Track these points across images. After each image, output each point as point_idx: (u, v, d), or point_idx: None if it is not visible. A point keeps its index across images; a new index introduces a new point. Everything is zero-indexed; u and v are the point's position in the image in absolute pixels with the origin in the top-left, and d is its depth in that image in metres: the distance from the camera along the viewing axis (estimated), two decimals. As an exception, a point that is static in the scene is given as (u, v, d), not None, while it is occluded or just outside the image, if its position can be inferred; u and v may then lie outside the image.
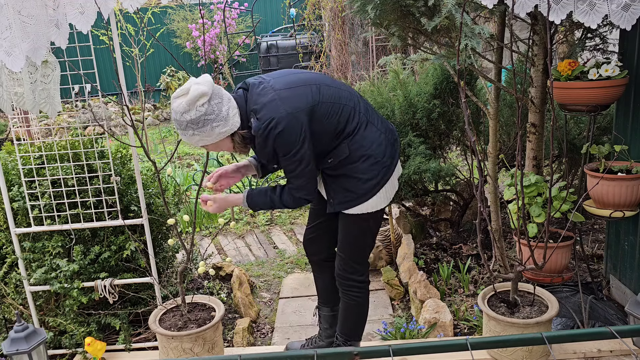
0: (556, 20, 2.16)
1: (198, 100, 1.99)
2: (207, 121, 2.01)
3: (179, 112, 2.01)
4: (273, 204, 2.25)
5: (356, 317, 2.51)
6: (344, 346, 2.49)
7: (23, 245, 2.73)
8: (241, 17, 11.92)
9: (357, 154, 2.17)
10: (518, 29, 4.69)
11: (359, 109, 2.20)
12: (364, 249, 2.41)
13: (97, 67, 2.58)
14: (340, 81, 2.36)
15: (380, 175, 2.21)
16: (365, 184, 2.19)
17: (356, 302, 2.45)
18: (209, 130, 2.02)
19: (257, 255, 4.32)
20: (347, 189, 2.22)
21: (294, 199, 2.19)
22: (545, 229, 2.21)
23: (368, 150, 2.18)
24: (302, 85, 2.12)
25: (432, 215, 4.18)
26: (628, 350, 2.38)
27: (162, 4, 10.58)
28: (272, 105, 2.03)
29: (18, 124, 3.24)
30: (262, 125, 2.02)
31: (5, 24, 2.19)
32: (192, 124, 2.01)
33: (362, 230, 2.34)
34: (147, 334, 2.97)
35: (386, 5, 2.47)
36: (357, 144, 2.17)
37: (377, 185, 2.22)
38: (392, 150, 2.26)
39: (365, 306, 2.49)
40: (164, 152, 7.58)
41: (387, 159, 2.22)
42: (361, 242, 2.38)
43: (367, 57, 8.56)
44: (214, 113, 2.01)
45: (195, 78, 2.07)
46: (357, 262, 2.40)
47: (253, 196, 2.28)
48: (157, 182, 2.83)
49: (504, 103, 3.63)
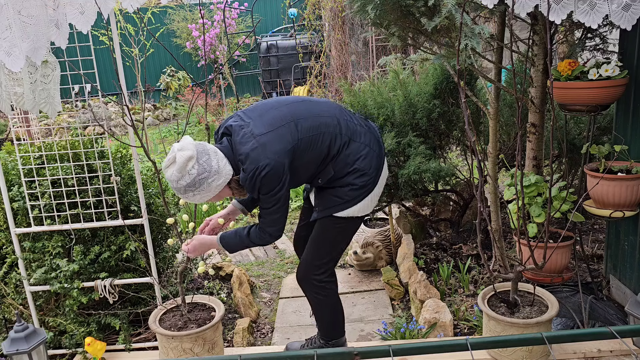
0: (556, 20, 2.16)
1: (187, 165, 2.06)
2: (202, 180, 2.08)
3: (173, 180, 2.09)
4: (243, 244, 2.31)
5: (329, 317, 2.54)
6: (325, 347, 2.53)
7: (23, 245, 2.73)
8: (241, 17, 11.92)
9: (343, 171, 2.26)
10: (518, 29, 4.69)
11: (339, 130, 2.25)
12: (333, 249, 2.45)
13: (97, 67, 2.58)
14: (319, 99, 2.39)
15: (367, 186, 2.29)
16: (352, 192, 2.27)
17: (320, 301, 2.49)
18: (207, 187, 2.10)
19: (257, 255, 4.32)
20: (335, 195, 2.29)
21: (262, 235, 2.25)
22: (545, 229, 2.21)
23: (354, 166, 2.25)
24: (281, 126, 2.16)
25: (432, 215, 4.18)
26: (628, 350, 2.38)
27: (162, 4, 10.58)
28: (254, 154, 2.09)
29: (18, 124, 3.24)
30: (248, 176, 2.10)
31: (5, 24, 2.19)
32: (189, 187, 2.09)
33: (339, 231, 2.40)
34: (147, 334, 2.97)
35: (386, 5, 2.47)
36: (341, 162, 2.25)
37: (364, 194, 2.29)
38: (378, 162, 2.32)
39: (333, 304, 2.52)
40: (164, 152, 7.58)
41: (373, 171, 2.29)
42: (333, 242, 2.43)
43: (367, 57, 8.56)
44: (206, 171, 2.08)
45: (176, 144, 2.12)
46: (322, 259, 2.43)
47: (225, 238, 2.34)
48: (157, 182, 2.83)
49: (504, 103, 3.63)
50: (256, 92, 11.92)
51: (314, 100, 2.36)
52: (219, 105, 10.04)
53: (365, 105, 3.62)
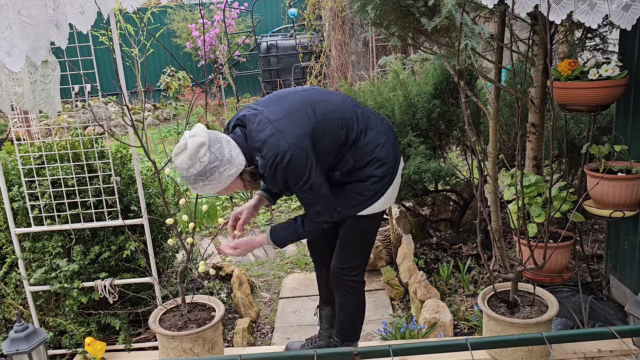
0: (556, 20, 2.16)
1: (198, 152, 1.98)
2: (213, 169, 2.00)
3: (183, 168, 2.01)
4: (298, 235, 2.26)
5: (352, 318, 2.52)
6: (341, 346, 2.50)
7: (23, 245, 2.73)
8: (241, 17, 11.92)
9: (362, 160, 2.20)
10: (518, 29, 4.69)
11: (355, 117, 2.20)
12: (363, 249, 2.43)
13: (97, 67, 2.58)
14: (331, 91, 2.34)
15: (388, 176, 2.24)
16: (374, 186, 2.22)
17: (350, 301, 2.46)
18: (218, 176, 2.02)
19: (257, 255, 4.32)
20: (357, 193, 2.24)
21: (316, 224, 2.21)
22: (545, 229, 2.21)
23: (373, 154, 2.20)
24: (297, 110, 2.10)
25: (432, 215, 4.18)
26: (628, 350, 2.38)
27: (162, 4, 10.58)
28: (272, 140, 2.02)
29: (18, 124, 3.24)
30: (268, 163, 2.02)
31: (5, 24, 2.19)
32: (200, 176, 2.00)
33: (365, 230, 2.36)
34: (147, 334, 2.97)
35: (386, 5, 2.47)
36: (360, 151, 2.19)
37: (385, 186, 2.24)
38: (395, 150, 2.28)
39: (359, 306, 2.50)
40: (164, 152, 7.58)
41: (391, 160, 2.24)
42: (362, 242, 2.40)
43: (367, 57, 8.56)
44: (217, 159, 2.00)
45: (188, 131, 2.05)
46: (354, 261, 2.41)
47: (276, 232, 2.28)
48: (157, 182, 2.83)
49: (504, 103, 3.63)
50: (256, 92, 11.92)
51: (324, 90, 2.34)
52: (219, 105, 10.04)
53: (365, 106, 3.62)
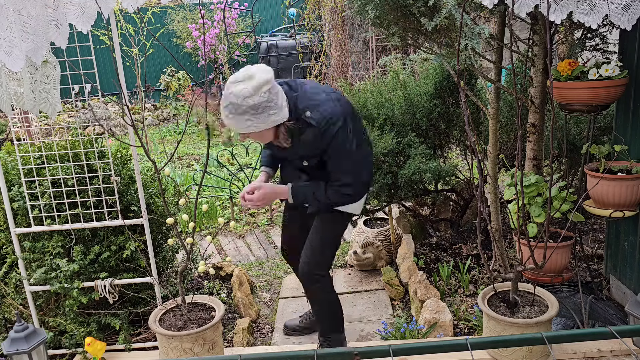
0: (556, 20, 2.16)
1: (263, 87, 2.04)
2: (266, 108, 2.07)
3: (241, 96, 2.03)
4: (316, 197, 2.35)
5: (329, 313, 2.64)
6: (327, 346, 2.61)
7: (23, 245, 2.73)
8: (241, 17, 11.92)
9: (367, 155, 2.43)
10: (518, 29, 4.69)
11: (365, 130, 2.47)
12: (333, 246, 2.58)
13: (97, 67, 2.58)
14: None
15: (369, 182, 2.46)
16: (362, 185, 2.40)
17: (323, 297, 2.59)
18: (266, 117, 2.09)
19: (257, 255, 4.32)
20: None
21: (340, 195, 2.33)
22: (545, 229, 2.21)
23: (367, 160, 2.42)
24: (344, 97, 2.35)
25: (432, 215, 4.18)
26: (628, 350, 2.38)
27: (162, 4, 10.57)
28: (330, 105, 2.19)
29: (18, 124, 3.24)
30: (324, 118, 2.16)
31: (5, 24, 2.19)
32: (252, 109, 2.05)
33: (339, 226, 2.56)
34: (147, 334, 2.97)
35: (386, 5, 2.47)
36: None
37: (365, 191, 2.46)
38: (370, 165, 2.50)
39: (334, 297, 2.62)
40: (164, 152, 7.58)
41: (371, 173, 2.48)
42: (335, 239, 2.58)
43: (367, 57, 8.56)
44: (273, 101, 2.08)
45: (254, 66, 2.13)
46: (322, 257, 2.54)
47: (298, 187, 2.40)
48: (157, 182, 2.83)
49: (504, 103, 3.63)
50: (256, 92, 11.89)
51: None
52: (218, 105, 10.04)
53: (365, 105, 3.62)
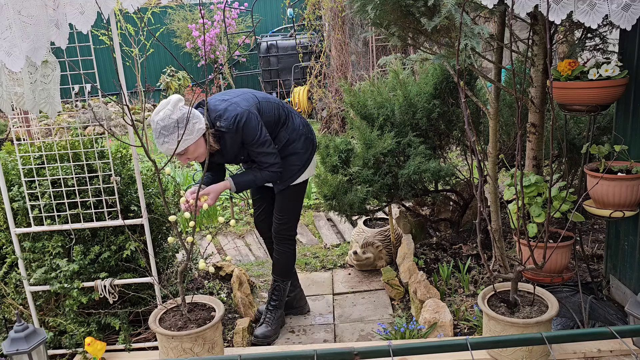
0: (556, 20, 2.16)
1: (178, 103, 2.52)
2: (190, 119, 2.49)
3: (165, 117, 2.48)
4: (256, 180, 2.80)
5: (288, 263, 3.13)
6: (280, 285, 3.12)
7: (23, 245, 2.73)
8: (241, 17, 11.92)
9: (293, 135, 2.88)
10: (518, 29, 4.69)
11: (282, 105, 2.92)
12: (298, 211, 3.09)
13: (97, 67, 2.58)
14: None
15: (310, 148, 2.96)
16: (304, 156, 2.91)
17: (290, 252, 3.10)
18: (191, 126, 2.52)
19: (257, 255, 4.32)
20: (292, 164, 2.88)
21: (272, 173, 2.80)
22: (545, 229, 2.21)
23: (299, 131, 2.91)
24: (243, 94, 2.79)
25: (432, 215, 4.18)
26: (628, 350, 2.38)
27: (162, 4, 10.58)
28: (231, 108, 2.65)
29: (18, 124, 3.24)
30: (230, 122, 2.62)
31: (5, 24, 2.19)
32: (179, 122, 2.48)
33: (299, 196, 3.03)
34: (147, 334, 2.97)
35: (386, 5, 2.47)
36: (289, 128, 2.89)
37: (311, 156, 2.97)
38: (310, 128, 3.03)
39: (293, 254, 3.14)
40: (164, 152, 7.56)
41: (311, 134, 2.99)
42: (298, 205, 3.07)
43: (367, 57, 8.56)
44: (191, 112, 2.51)
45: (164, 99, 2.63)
46: (290, 222, 3.05)
47: (237, 177, 2.82)
48: (157, 182, 2.83)
49: (504, 103, 3.63)
50: (256, 92, 11.90)
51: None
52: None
53: (365, 105, 3.62)
